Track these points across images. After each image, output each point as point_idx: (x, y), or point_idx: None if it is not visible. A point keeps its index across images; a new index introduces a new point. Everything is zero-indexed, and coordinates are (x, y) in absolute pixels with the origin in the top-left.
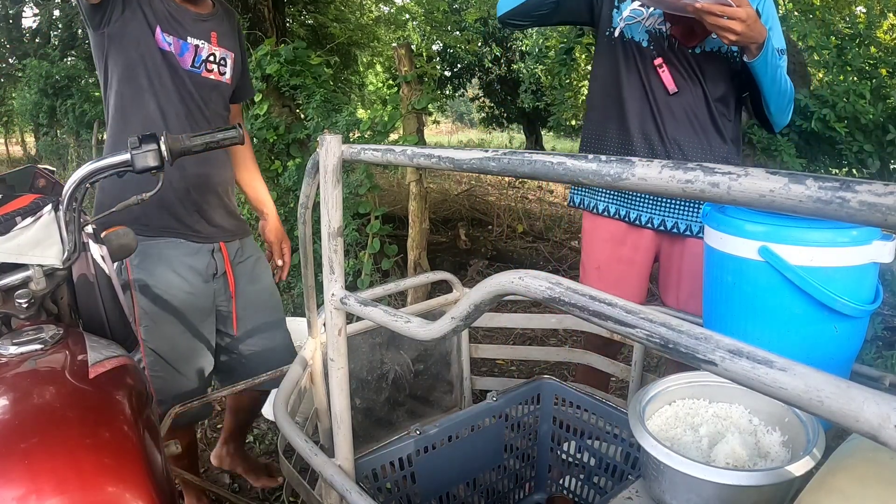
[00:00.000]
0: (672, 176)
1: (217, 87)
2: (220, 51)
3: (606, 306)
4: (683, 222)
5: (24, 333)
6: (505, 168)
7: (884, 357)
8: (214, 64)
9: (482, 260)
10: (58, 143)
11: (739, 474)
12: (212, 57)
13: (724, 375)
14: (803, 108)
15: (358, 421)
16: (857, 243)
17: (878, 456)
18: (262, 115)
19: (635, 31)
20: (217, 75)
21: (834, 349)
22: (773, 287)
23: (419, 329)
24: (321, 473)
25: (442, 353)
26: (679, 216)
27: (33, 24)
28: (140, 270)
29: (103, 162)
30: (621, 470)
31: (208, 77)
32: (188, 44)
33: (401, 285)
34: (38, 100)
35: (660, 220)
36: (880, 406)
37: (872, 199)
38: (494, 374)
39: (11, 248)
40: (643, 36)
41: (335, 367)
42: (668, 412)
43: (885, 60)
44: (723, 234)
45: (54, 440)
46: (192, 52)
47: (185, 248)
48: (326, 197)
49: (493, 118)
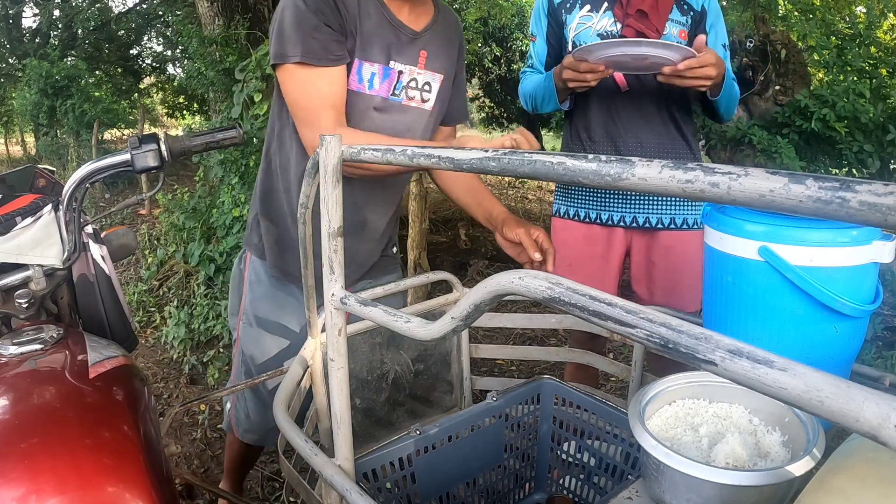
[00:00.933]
0: (672, 176)
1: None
2: (426, 74)
3: (606, 306)
4: (654, 216)
5: (24, 333)
6: (505, 168)
7: (884, 357)
8: (416, 90)
9: (482, 260)
10: (57, 143)
11: (739, 474)
12: (413, 83)
13: (725, 375)
14: (803, 109)
15: (358, 421)
16: (857, 243)
17: (878, 456)
18: (261, 114)
19: (586, 36)
20: (419, 102)
21: (834, 349)
22: (772, 287)
23: (419, 329)
24: (321, 473)
25: (442, 353)
26: (650, 212)
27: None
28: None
29: (103, 162)
30: (621, 470)
31: (409, 105)
32: (390, 69)
33: (401, 285)
34: (38, 100)
35: (631, 218)
36: (880, 406)
37: (872, 199)
38: (494, 374)
39: (11, 248)
40: (594, 39)
41: (335, 367)
42: (668, 412)
43: (886, 60)
44: (722, 234)
45: (54, 440)
46: (392, 79)
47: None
48: (326, 197)
49: (493, 118)
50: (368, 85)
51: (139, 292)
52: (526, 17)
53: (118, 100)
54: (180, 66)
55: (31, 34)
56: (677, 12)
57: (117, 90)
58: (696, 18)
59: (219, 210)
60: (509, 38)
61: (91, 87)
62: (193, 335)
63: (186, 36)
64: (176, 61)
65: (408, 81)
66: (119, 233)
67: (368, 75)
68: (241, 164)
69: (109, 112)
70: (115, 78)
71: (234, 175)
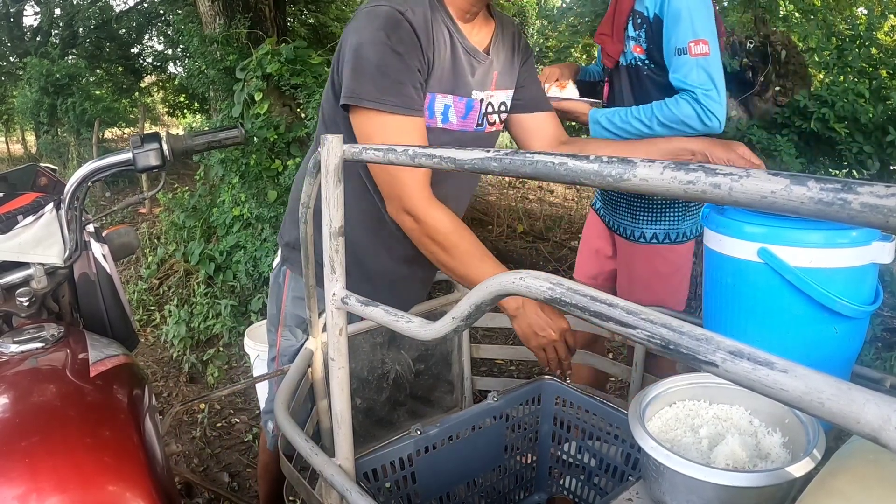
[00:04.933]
0: (674, 177)
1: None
2: (501, 93)
3: (607, 307)
4: (638, 230)
5: (25, 332)
6: (507, 168)
7: (883, 359)
8: (495, 114)
9: None
10: (58, 142)
11: (739, 475)
12: (490, 107)
13: (725, 377)
14: (803, 109)
15: (358, 421)
16: (856, 244)
17: (878, 457)
18: (262, 114)
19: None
20: (498, 125)
21: (834, 350)
22: (772, 288)
23: (420, 329)
24: (321, 473)
25: (442, 353)
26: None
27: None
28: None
29: (105, 161)
30: (622, 471)
31: (491, 130)
32: (473, 100)
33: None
34: (39, 98)
35: (617, 224)
36: (881, 408)
37: (874, 201)
38: (494, 374)
39: (13, 246)
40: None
41: (336, 367)
42: (668, 413)
43: (886, 61)
44: (722, 235)
45: (55, 439)
46: (476, 110)
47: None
48: (328, 196)
49: None
50: (442, 118)
51: (139, 291)
52: (527, 17)
53: (119, 98)
54: (181, 64)
55: (32, 32)
56: (631, 28)
57: (118, 89)
58: (653, 29)
59: (219, 209)
60: None
61: (92, 85)
62: (193, 334)
63: (187, 35)
64: (177, 60)
65: (486, 107)
66: (120, 231)
67: (441, 108)
68: (242, 163)
69: (110, 111)
70: (115, 76)
71: (234, 174)
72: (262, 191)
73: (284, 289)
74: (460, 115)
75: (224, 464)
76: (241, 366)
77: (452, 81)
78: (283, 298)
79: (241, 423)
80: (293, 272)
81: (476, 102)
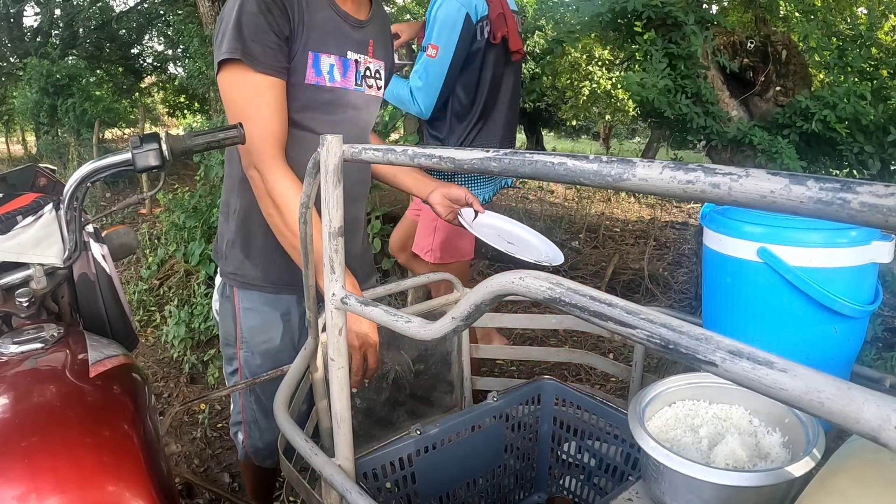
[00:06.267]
0: (673, 177)
1: (376, 102)
2: (375, 62)
3: (607, 307)
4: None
5: (24, 332)
6: (506, 168)
7: (884, 358)
8: (372, 79)
9: (482, 260)
10: (58, 142)
11: (739, 475)
12: (367, 71)
13: (725, 376)
14: (804, 110)
15: (358, 421)
16: (856, 244)
17: (878, 457)
18: None
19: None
20: (375, 90)
21: (834, 350)
22: (772, 288)
23: (420, 329)
24: (321, 473)
25: (442, 353)
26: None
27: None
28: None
29: (104, 161)
30: (622, 471)
31: (370, 94)
32: (349, 60)
33: (401, 285)
34: (39, 98)
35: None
36: (881, 407)
37: (873, 201)
38: (494, 374)
39: (12, 246)
40: None
41: (335, 367)
42: (668, 413)
43: (887, 62)
44: (721, 235)
45: (55, 439)
46: (353, 69)
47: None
48: (327, 197)
49: None
50: (329, 77)
51: (139, 291)
52: (526, 17)
53: (119, 99)
54: (181, 65)
55: (32, 33)
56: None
57: (118, 89)
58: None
59: (219, 209)
60: None
61: (92, 86)
62: (193, 334)
63: (187, 35)
64: (177, 60)
65: (364, 70)
66: (120, 232)
67: (327, 67)
68: None
69: (110, 111)
70: (115, 77)
71: None
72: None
73: (235, 303)
74: (341, 73)
75: (224, 464)
76: None
77: (330, 41)
78: (237, 313)
79: None
80: (239, 288)
81: (351, 62)
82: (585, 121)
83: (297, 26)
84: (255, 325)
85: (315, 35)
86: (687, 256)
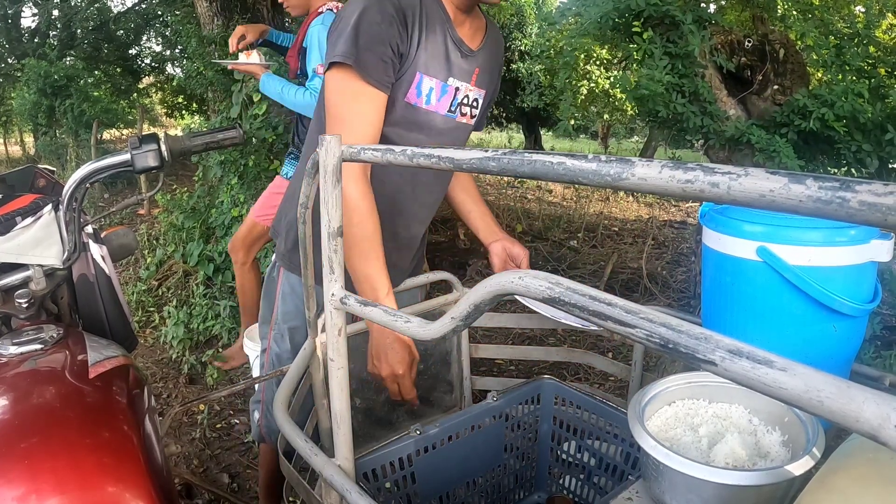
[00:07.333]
0: (672, 176)
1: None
2: (475, 91)
3: (606, 306)
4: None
5: (24, 333)
6: (505, 168)
7: (882, 357)
8: (467, 107)
9: (482, 260)
10: (56, 143)
11: (739, 474)
12: (465, 99)
13: (724, 375)
14: (802, 108)
15: (358, 421)
16: (855, 242)
17: (878, 456)
18: (260, 114)
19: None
20: (468, 119)
21: (833, 349)
22: (771, 287)
23: (419, 329)
24: (321, 473)
25: (442, 353)
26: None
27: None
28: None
29: (103, 162)
30: (621, 470)
31: (461, 122)
32: (448, 86)
33: (401, 285)
34: (37, 99)
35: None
36: (880, 406)
37: (872, 199)
38: (494, 374)
39: (11, 247)
40: None
41: (335, 367)
42: (667, 412)
43: (884, 60)
44: (721, 234)
45: (54, 440)
46: (450, 96)
47: None
48: (326, 197)
49: (493, 118)
50: (426, 100)
51: (138, 292)
52: (526, 17)
53: (117, 100)
54: (179, 65)
55: (29, 34)
56: None
57: (116, 90)
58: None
59: (218, 210)
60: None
61: (90, 86)
62: (192, 335)
63: (185, 36)
64: (175, 61)
65: (461, 98)
66: (119, 233)
67: (427, 90)
68: (241, 164)
69: (108, 112)
70: (114, 78)
71: (233, 175)
72: (260, 191)
73: (279, 284)
74: (437, 97)
75: (224, 465)
76: (241, 366)
77: (438, 65)
78: (278, 293)
79: (240, 423)
80: (286, 269)
81: (451, 89)
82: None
83: (413, 45)
84: (290, 311)
85: (425, 56)
86: (685, 255)
